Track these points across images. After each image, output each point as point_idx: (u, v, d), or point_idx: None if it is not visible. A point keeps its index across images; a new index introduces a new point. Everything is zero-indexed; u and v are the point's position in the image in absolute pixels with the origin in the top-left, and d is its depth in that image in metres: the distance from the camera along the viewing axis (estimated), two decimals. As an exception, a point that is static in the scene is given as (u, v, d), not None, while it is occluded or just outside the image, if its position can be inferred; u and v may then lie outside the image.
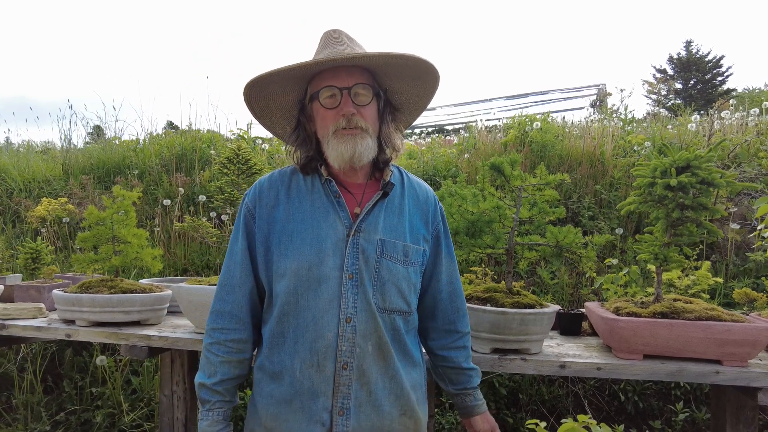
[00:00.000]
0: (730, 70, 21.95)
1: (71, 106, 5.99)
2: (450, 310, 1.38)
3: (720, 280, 2.44)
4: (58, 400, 3.17)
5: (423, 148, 5.45)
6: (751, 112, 4.89)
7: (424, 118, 10.86)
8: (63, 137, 5.99)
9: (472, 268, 2.50)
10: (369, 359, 1.17)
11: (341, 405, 1.15)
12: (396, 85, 1.31)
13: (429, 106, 1.41)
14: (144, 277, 3.15)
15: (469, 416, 1.40)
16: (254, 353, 1.30)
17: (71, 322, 2.12)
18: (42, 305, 2.31)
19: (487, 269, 2.49)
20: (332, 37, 1.27)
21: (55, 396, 3.21)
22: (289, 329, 1.18)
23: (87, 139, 7.23)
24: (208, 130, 5.84)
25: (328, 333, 1.15)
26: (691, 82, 22.22)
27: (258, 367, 1.25)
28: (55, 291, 2.14)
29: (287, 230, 1.21)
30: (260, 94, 1.27)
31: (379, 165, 1.30)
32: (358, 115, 1.20)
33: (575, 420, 1.36)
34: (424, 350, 1.44)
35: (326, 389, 1.15)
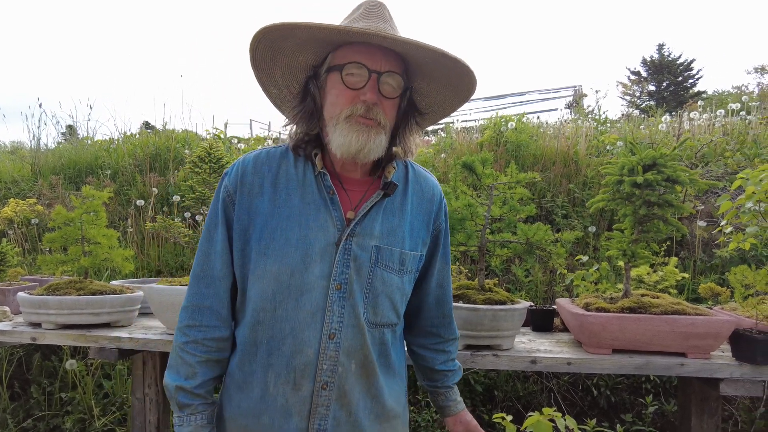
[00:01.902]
0: (700, 73, 22.64)
1: (41, 105, 5.83)
2: (435, 314, 1.26)
3: (687, 275, 2.51)
4: (26, 407, 3.08)
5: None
6: (718, 113, 5.04)
7: (403, 119, 10.88)
8: (32, 136, 5.83)
9: (447, 267, 2.52)
10: (351, 379, 1.06)
11: (318, 426, 1.04)
12: (425, 86, 1.15)
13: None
14: (117, 279, 3.09)
15: (443, 416, 1.31)
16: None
17: (37, 325, 2.06)
18: (6, 308, 2.24)
19: (461, 267, 2.51)
20: (376, 9, 1.09)
21: (23, 402, 3.12)
22: (263, 339, 1.06)
23: (59, 139, 7.05)
24: (183, 130, 5.75)
25: (309, 349, 1.03)
26: (664, 84, 22.80)
27: (228, 372, 1.12)
28: (20, 293, 2.08)
29: (270, 226, 1.06)
30: (271, 45, 1.07)
31: (382, 162, 1.14)
32: (380, 106, 1.04)
33: (552, 420, 1.37)
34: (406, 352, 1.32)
35: (302, 409, 1.04)
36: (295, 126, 1.14)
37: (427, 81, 1.14)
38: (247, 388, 1.07)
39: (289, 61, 1.11)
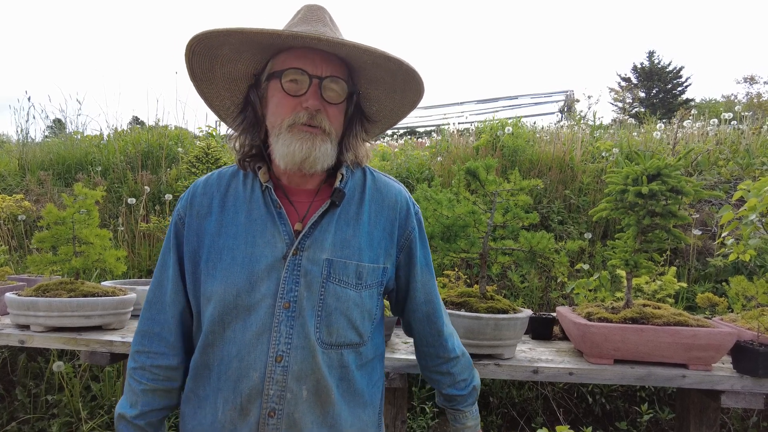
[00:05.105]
0: (689, 81, 22.92)
1: (29, 98, 5.71)
2: (428, 333, 1.18)
3: (684, 285, 2.51)
4: (10, 409, 3.01)
5: (396, 150, 5.45)
6: (711, 122, 5.09)
7: (396, 120, 10.87)
8: (20, 130, 5.71)
9: (445, 272, 2.50)
10: (302, 407, 0.98)
11: None
12: (372, 91, 1.11)
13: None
14: (107, 279, 3.02)
15: None
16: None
17: (26, 327, 2.00)
18: (-7, 309, 2.18)
19: (460, 273, 2.49)
20: (314, 13, 1.05)
21: (6, 405, 3.04)
22: (214, 361, 1.01)
23: (46, 133, 6.92)
24: (176, 127, 5.68)
25: (254, 373, 0.97)
26: (654, 91, 23.06)
27: (183, 399, 1.08)
28: (7, 294, 2.01)
29: (217, 246, 1.02)
30: (207, 53, 1.02)
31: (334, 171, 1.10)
32: (324, 113, 1.00)
33: (547, 426, 1.35)
34: (382, 388, 1.20)
35: None
36: (238, 140, 1.09)
37: (374, 86, 1.09)
38: (201, 413, 1.02)
39: (228, 70, 1.07)
